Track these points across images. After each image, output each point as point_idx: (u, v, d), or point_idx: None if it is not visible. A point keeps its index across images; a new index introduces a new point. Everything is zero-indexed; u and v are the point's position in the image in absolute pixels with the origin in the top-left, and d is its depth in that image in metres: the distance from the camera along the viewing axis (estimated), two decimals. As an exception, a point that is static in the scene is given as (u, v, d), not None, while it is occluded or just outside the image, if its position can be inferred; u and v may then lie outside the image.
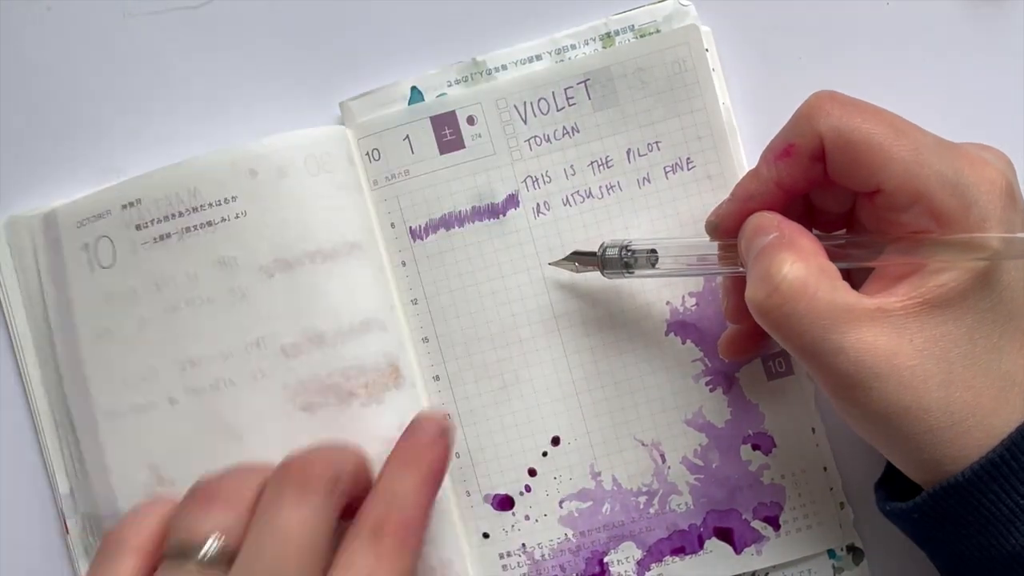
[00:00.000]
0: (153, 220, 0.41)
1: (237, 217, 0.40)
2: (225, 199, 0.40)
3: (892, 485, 0.36)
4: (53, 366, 0.42)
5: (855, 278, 0.34)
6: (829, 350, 0.32)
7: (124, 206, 0.41)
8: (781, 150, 0.34)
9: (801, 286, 0.32)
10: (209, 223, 0.40)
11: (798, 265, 0.32)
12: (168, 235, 0.41)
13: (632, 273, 0.38)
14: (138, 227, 0.41)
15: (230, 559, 0.33)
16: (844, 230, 0.37)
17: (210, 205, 0.40)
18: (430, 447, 0.37)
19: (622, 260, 0.38)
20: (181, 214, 0.41)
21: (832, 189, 0.35)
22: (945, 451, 0.32)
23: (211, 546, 0.33)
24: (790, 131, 0.34)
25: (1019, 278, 0.32)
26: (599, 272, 0.39)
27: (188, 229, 0.41)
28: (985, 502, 0.32)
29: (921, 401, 0.31)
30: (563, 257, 0.40)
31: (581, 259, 0.40)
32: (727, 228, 0.36)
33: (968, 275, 0.31)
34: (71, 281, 0.41)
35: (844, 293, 0.32)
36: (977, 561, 0.33)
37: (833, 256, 0.33)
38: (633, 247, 0.38)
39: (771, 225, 0.34)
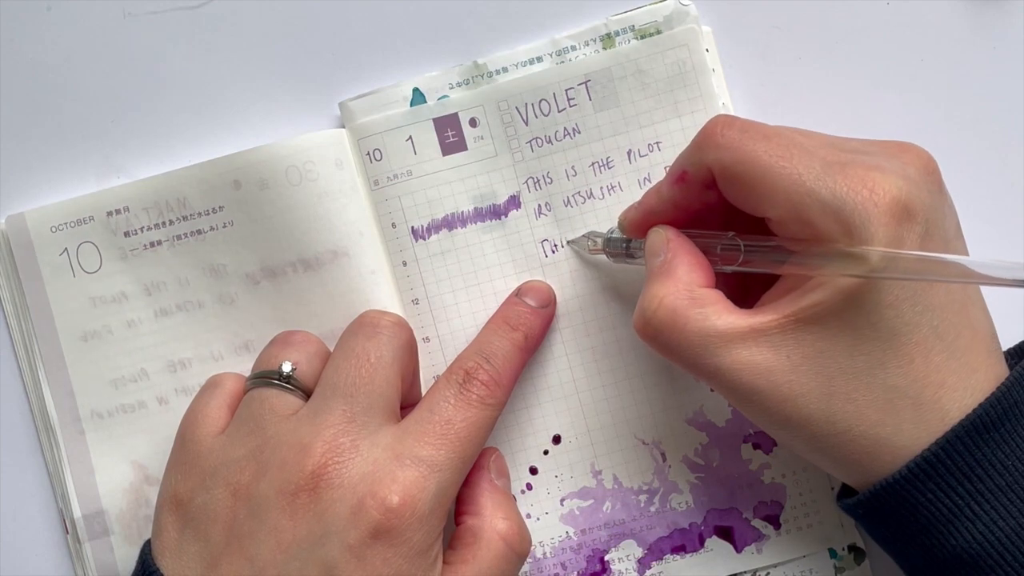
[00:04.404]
0: (143, 227, 0.41)
1: (225, 226, 0.41)
2: (213, 209, 0.41)
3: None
4: (29, 367, 0.42)
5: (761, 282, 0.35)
6: (708, 372, 0.34)
7: (109, 213, 0.41)
8: (676, 176, 0.36)
9: (670, 318, 0.34)
10: (199, 231, 0.41)
11: (668, 299, 0.34)
12: (159, 242, 0.41)
13: (635, 260, 0.38)
14: (126, 234, 0.41)
15: (305, 390, 0.37)
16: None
17: (199, 214, 0.41)
18: (532, 314, 0.40)
19: (624, 246, 0.39)
20: (171, 222, 0.41)
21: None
22: (837, 457, 0.33)
23: (287, 369, 0.37)
24: (685, 159, 0.35)
25: (904, 297, 0.32)
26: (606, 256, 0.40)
27: (179, 237, 0.41)
28: (924, 502, 0.32)
29: (802, 412, 0.33)
30: (580, 235, 0.41)
31: (593, 239, 0.40)
32: (633, 233, 0.38)
33: (841, 294, 0.32)
34: (49, 284, 0.41)
35: (716, 318, 0.33)
36: (925, 561, 0.34)
37: (727, 261, 0.35)
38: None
39: (660, 247, 0.36)
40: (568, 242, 0.41)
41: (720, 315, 0.33)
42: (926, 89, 0.42)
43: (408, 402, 0.38)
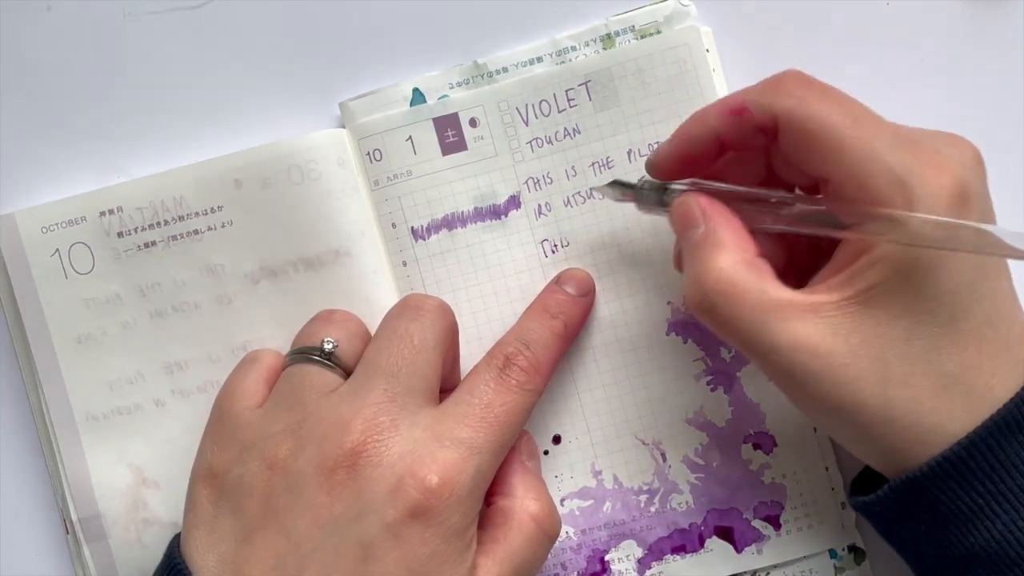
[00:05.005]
0: (137, 228, 0.41)
1: (223, 226, 0.41)
2: (211, 208, 0.41)
3: (867, 481, 0.36)
4: (29, 367, 0.42)
5: (808, 264, 0.35)
6: (764, 348, 0.33)
7: (102, 213, 0.41)
8: (734, 106, 0.34)
9: (729, 288, 0.33)
10: (196, 231, 0.41)
11: (727, 269, 0.33)
12: (154, 243, 0.41)
13: (667, 210, 0.37)
14: (120, 234, 0.41)
15: (346, 368, 0.37)
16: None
17: (196, 214, 0.41)
18: (572, 302, 0.40)
19: (660, 196, 0.37)
20: (167, 222, 0.41)
21: (786, 167, 0.36)
22: (887, 444, 0.33)
23: (328, 346, 0.37)
24: (750, 94, 0.34)
25: (963, 282, 0.32)
26: (635, 205, 0.38)
27: (175, 237, 0.41)
28: (944, 499, 0.32)
29: (856, 398, 0.32)
30: (605, 184, 0.39)
31: (622, 188, 0.39)
32: (664, 169, 0.37)
33: (900, 275, 0.31)
34: (40, 286, 0.41)
35: (774, 290, 0.33)
36: (939, 558, 0.34)
37: (777, 220, 0.34)
38: (673, 185, 0.37)
39: (697, 216, 0.34)
40: (592, 188, 0.40)
41: (778, 288, 0.33)
42: (926, 89, 0.42)
43: (447, 386, 0.38)
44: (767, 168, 0.36)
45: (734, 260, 0.33)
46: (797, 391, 0.33)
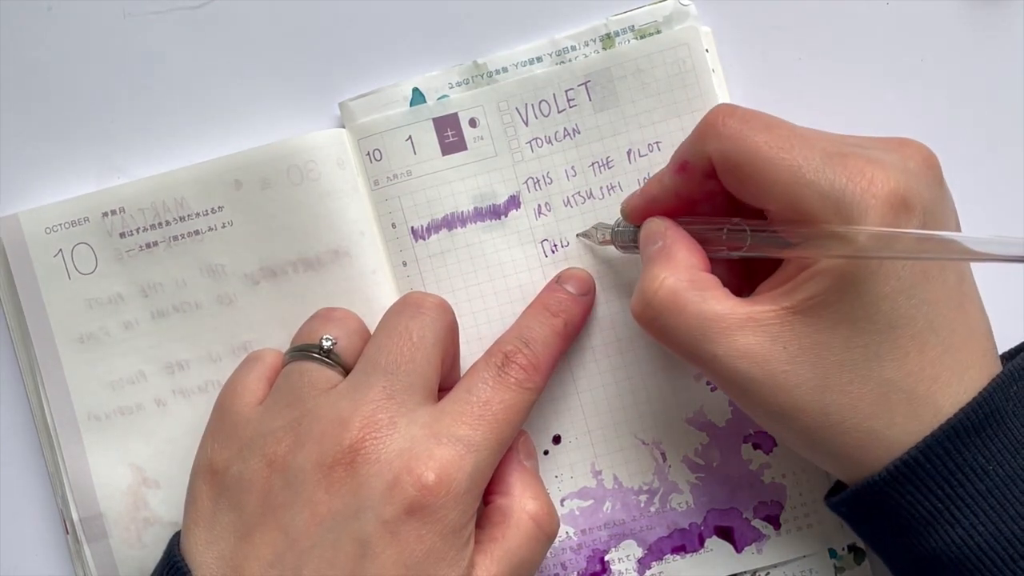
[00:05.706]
0: (139, 228, 0.41)
1: (224, 226, 0.41)
2: (212, 209, 0.41)
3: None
4: (29, 368, 0.42)
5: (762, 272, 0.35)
6: (704, 359, 0.34)
7: (104, 214, 0.41)
8: (677, 166, 0.36)
9: (671, 300, 0.34)
10: (196, 232, 0.41)
11: (669, 280, 0.34)
12: (155, 243, 0.41)
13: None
14: (122, 235, 0.41)
15: (345, 366, 0.37)
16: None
17: (197, 215, 0.41)
18: (572, 301, 0.40)
19: (633, 235, 0.38)
20: (168, 223, 0.41)
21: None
22: (829, 449, 0.33)
23: (327, 343, 0.37)
24: (686, 148, 0.35)
25: (900, 289, 0.32)
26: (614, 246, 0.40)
27: (176, 238, 0.41)
28: (903, 503, 0.33)
29: (796, 403, 0.33)
30: (589, 227, 0.41)
31: (602, 230, 0.40)
32: (635, 220, 0.38)
33: (837, 285, 0.32)
34: (43, 286, 0.41)
35: (715, 303, 0.33)
36: (906, 560, 0.34)
37: (733, 247, 0.35)
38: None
39: (658, 234, 0.36)
40: (577, 235, 0.41)
41: (719, 300, 0.34)
42: (926, 89, 0.42)
43: (447, 385, 0.38)
44: (733, 206, 0.37)
45: (677, 272, 0.34)
46: (741, 397, 0.34)
